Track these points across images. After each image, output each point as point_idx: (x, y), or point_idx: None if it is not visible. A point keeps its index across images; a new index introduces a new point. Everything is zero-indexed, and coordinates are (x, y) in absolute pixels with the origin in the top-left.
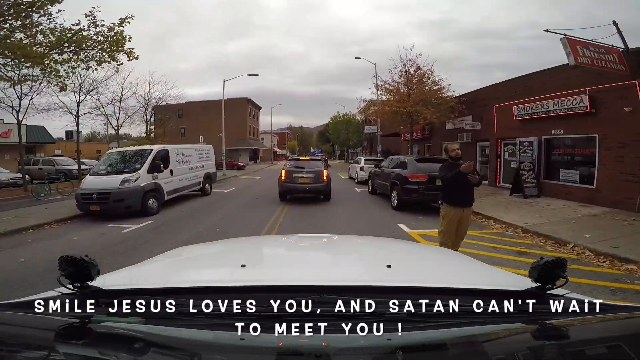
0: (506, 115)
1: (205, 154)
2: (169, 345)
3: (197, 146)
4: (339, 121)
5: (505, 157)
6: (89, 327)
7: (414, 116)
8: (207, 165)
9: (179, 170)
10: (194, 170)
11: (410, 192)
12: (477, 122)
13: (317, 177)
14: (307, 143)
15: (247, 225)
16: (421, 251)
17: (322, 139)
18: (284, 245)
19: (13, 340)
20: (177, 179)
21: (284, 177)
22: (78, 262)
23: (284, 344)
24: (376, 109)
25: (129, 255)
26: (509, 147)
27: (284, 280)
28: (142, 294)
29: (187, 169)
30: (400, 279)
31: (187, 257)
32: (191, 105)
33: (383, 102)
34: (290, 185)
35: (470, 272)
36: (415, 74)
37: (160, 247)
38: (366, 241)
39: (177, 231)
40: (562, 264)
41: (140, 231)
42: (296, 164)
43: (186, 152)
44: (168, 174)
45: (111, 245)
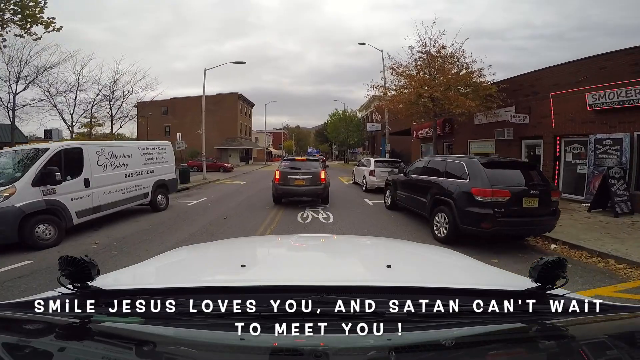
0: (571, 105)
1: (158, 154)
2: (169, 345)
3: (141, 143)
4: (338, 119)
5: (567, 158)
6: (89, 327)
7: (444, 105)
8: (161, 169)
9: (105, 179)
10: (137, 178)
11: (478, 218)
12: (524, 114)
13: (314, 179)
14: (305, 143)
15: None
16: (421, 251)
17: (319, 138)
18: (283, 246)
19: (13, 340)
20: (99, 191)
21: (278, 178)
22: (78, 262)
23: (284, 344)
24: (389, 98)
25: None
26: (573, 146)
27: (284, 280)
28: (142, 294)
29: (121, 176)
30: (400, 279)
31: (187, 257)
32: (178, 101)
33: (399, 88)
34: (284, 187)
35: (471, 272)
36: (438, 56)
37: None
38: (366, 241)
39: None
40: (562, 264)
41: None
42: (292, 164)
43: (120, 151)
44: (80, 184)
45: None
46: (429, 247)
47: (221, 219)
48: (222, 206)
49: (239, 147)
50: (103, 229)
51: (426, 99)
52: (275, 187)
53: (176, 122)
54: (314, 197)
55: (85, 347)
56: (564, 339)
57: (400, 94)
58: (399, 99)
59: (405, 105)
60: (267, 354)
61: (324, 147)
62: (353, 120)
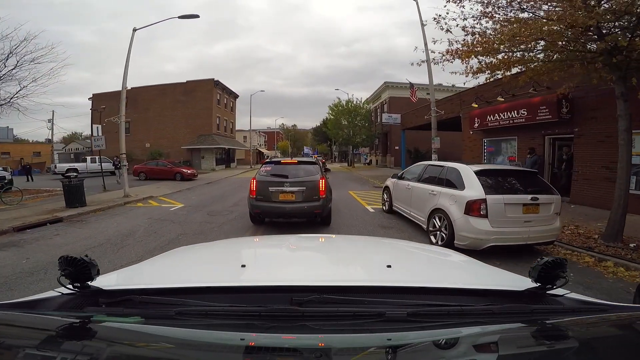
0: None
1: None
2: (169, 345)
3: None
4: (340, 111)
5: None
6: (89, 327)
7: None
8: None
9: None
10: None
11: None
12: None
13: (310, 192)
14: (302, 144)
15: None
16: (421, 251)
17: (317, 137)
18: (283, 246)
19: (13, 340)
20: None
21: (255, 191)
22: (78, 262)
23: (284, 344)
24: (482, 40)
25: None
26: None
27: (284, 280)
28: (142, 294)
29: None
30: (400, 279)
31: (187, 257)
32: (139, 92)
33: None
34: (264, 205)
35: (471, 272)
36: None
37: None
38: (366, 241)
39: None
40: (561, 264)
41: None
42: (276, 169)
43: None
44: None
45: None
46: (429, 247)
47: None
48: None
49: (216, 147)
50: None
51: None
52: (251, 203)
53: (137, 116)
54: (308, 217)
55: (85, 347)
56: (564, 339)
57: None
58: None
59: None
60: (267, 354)
61: (322, 147)
62: (360, 113)
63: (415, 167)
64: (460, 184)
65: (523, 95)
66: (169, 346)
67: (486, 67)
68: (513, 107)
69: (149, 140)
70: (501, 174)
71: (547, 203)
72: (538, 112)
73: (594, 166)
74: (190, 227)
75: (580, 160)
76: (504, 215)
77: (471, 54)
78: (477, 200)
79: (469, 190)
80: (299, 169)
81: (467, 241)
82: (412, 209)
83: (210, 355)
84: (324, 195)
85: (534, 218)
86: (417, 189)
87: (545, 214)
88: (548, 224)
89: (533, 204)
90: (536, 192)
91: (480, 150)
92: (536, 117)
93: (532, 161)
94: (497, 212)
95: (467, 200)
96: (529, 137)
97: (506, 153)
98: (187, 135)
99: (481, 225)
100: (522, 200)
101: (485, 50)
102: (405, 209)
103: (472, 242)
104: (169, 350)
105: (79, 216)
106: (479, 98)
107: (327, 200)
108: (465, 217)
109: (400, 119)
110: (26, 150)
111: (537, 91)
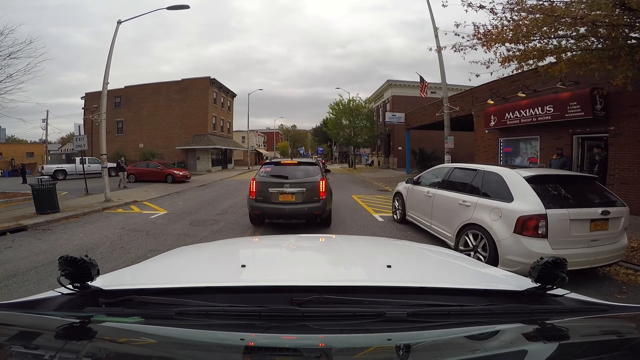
0: None
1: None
2: (169, 345)
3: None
4: (341, 110)
5: None
6: (89, 327)
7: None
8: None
9: None
10: None
11: None
12: None
13: (310, 193)
14: (301, 144)
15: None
16: (421, 251)
17: (317, 137)
18: (284, 246)
19: (13, 340)
20: None
21: (255, 192)
22: (78, 263)
23: (284, 344)
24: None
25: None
26: None
27: (284, 280)
28: (142, 294)
29: None
30: (400, 279)
31: (187, 257)
32: (133, 90)
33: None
34: (264, 206)
35: (471, 272)
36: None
37: None
38: (366, 241)
39: None
40: (561, 264)
41: None
42: (275, 170)
43: None
44: None
45: None
46: (429, 247)
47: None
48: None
49: (212, 147)
50: None
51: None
52: (251, 204)
53: (131, 115)
54: (308, 218)
55: (86, 347)
56: (564, 338)
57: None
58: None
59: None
60: (267, 354)
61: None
62: (362, 112)
63: (436, 170)
64: (505, 194)
65: (546, 91)
66: (169, 346)
67: (514, 57)
68: (536, 103)
69: (143, 140)
70: (559, 180)
71: (617, 217)
72: (567, 109)
73: (634, 169)
74: (165, 240)
75: (616, 163)
76: (568, 234)
77: (500, 41)
78: (534, 215)
79: (520, 202)
80: (299, 169)
81: (517, 267)
82: (433, 221)
83: (210, 355)
84: (324, 197)
85: (601, 236)
86: (442, 197)
87: (614, 230)
88: (615, 241)
89: (602, 219)
90: (604, 204)
91: (495, 150)
92: (565, 114)
93: (560, 163)
94: (559, 230)
95: (518, 215)
96: (554, 137)
97: (525, 154)
98: (182, 135)
99: (538, 248)
100: (591, 215)
101: (516, 36)
102: (423, 220)
103: (524, 268)
104: (169, 350)
105: (46, 224)
106: (494, 94)
107: (327, 202)
108: (515, 237)
109: (404, 118)
110: (19, 151)
111: (565, 86)
